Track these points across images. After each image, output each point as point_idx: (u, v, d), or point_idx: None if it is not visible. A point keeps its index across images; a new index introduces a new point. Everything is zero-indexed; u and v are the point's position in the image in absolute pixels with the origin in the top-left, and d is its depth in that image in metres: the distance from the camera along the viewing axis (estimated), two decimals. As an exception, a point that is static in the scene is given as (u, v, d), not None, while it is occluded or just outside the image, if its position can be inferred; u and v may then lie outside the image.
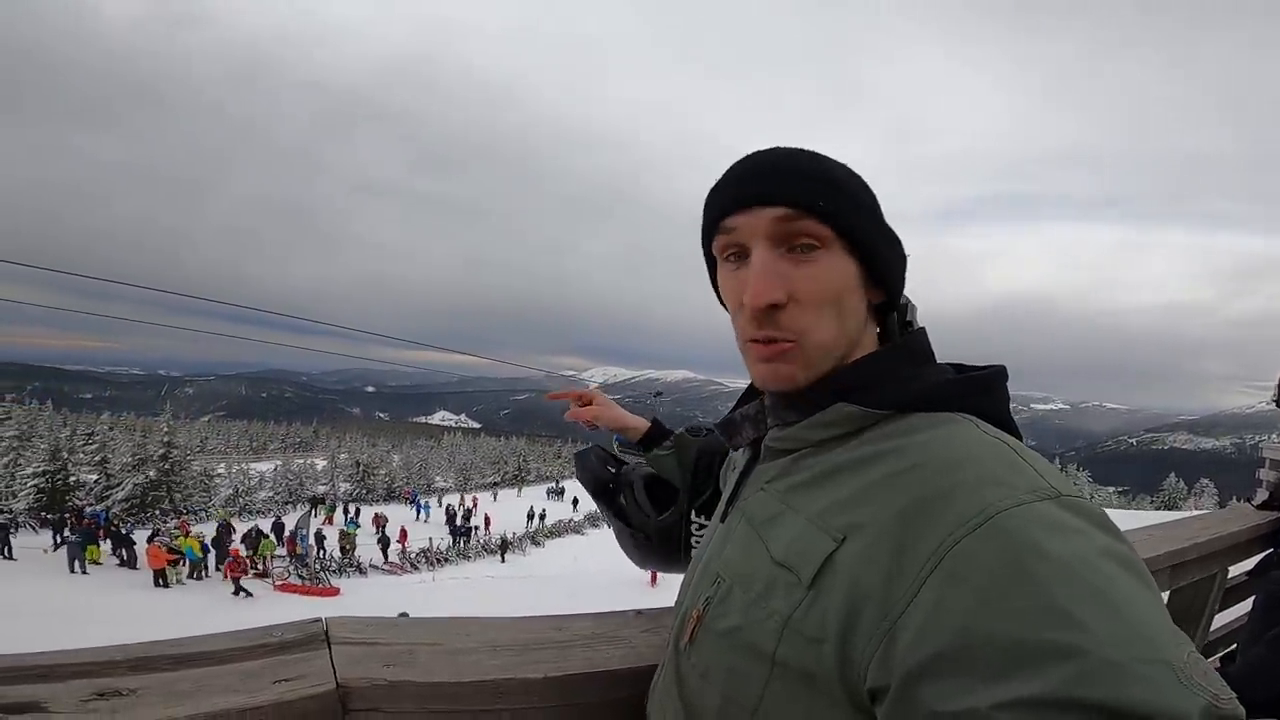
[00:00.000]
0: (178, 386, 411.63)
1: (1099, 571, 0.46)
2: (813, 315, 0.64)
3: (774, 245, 0.64)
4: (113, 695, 0.69)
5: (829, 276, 0.64)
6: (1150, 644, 0.43)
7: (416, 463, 49.91)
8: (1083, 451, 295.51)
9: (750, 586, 0.62)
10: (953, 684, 0.45)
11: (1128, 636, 0.43)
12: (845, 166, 0.67)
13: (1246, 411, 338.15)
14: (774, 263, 0.64)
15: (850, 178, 0.66)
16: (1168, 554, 2.15)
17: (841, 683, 0.53)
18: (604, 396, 1.25)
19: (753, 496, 0.71)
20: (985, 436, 0.57)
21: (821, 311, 0.64)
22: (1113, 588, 0.45)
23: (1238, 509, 3.23)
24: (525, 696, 0.82)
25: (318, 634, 0.86)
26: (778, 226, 0.63)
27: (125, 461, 32.96)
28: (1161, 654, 0.42)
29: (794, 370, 0.65)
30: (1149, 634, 0.43)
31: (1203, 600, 2.54)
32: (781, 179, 0.64)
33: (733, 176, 0.68)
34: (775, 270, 0.63)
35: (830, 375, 0.66)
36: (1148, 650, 0.42)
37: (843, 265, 0.64)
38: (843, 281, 0.64)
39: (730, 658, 0.62)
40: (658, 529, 1.08)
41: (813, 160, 0.66)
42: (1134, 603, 0.45)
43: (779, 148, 0.67)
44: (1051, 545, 0.47)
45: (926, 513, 0.52)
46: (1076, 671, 0.41)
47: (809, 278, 0.63)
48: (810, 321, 0.64)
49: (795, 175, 0.64)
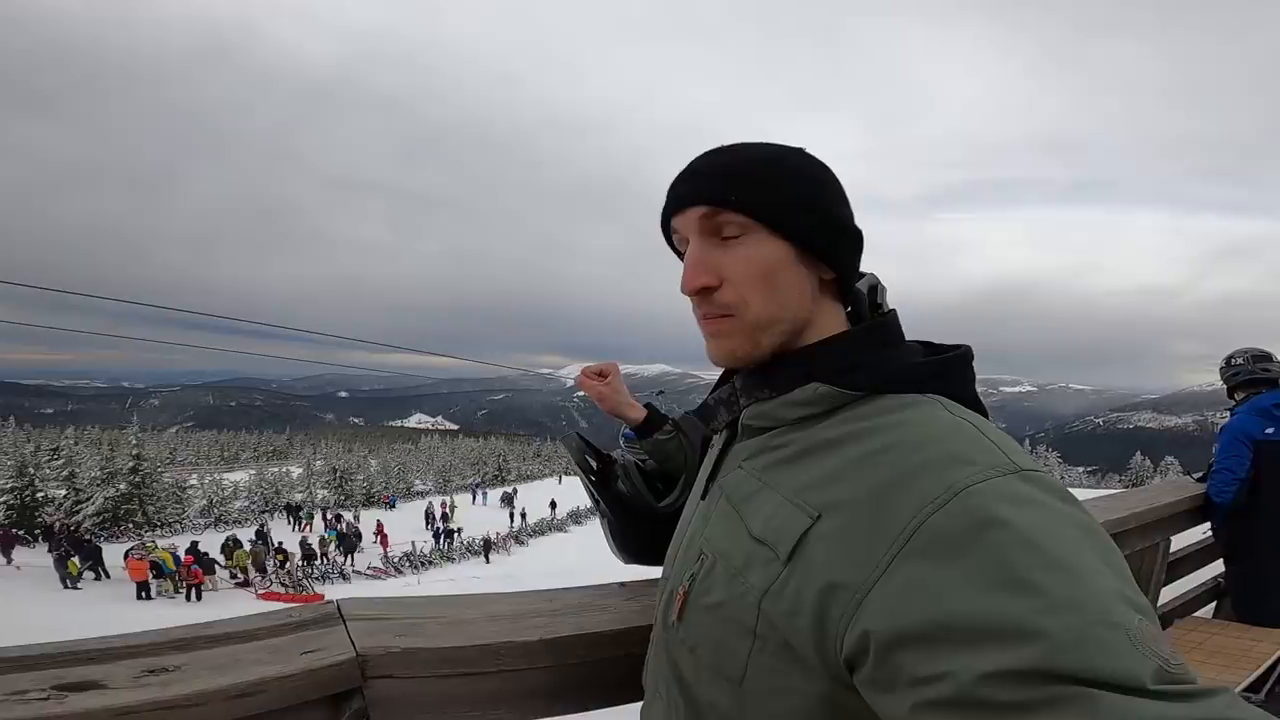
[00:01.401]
0: (142, 398, 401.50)
1: (1060, 540, 0.49)
2: (743, 291, 0.69)
3: (704, 236, 0.71)
4: (161, 671, 0.79)
5: (754, 256, 0.69)
6: (1106, 608, 0.45)
7: (395, 467, 49.48)
8: (1051, 432, 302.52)
9: (731, 562, 0.66)
10: (929, 653, 0.47)
11: (1085, 602, 0.45)
12: (773, 157, 0.72)
13: (1207, 389, 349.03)
14: (704, 251, 0.71)
15: (770, 168, 0.71)
16: (1108, 523, 2.32)
17: (818, 654, 0.56)
18: (619, 375, 1.22)
19: (731, 474, 0.75)
20: (953, 417, 0.61)
21: (752, 287, 0.69)
22: (1072, 555, 0.48)
23: (1179, 481, 3.43)
24: (522, 657, 0.94)
25: (332, 613, 0.97)
26: (704, 222, 0.71)
27: (94, 475, 32.22)
28: (1116, 619, 0.45)
29: (734, 344, 0.71)
30: (1104, 599, 0.46)
31: (1148, 570, 2.71)
32: (700, 181, 0.71)
33: (674, 182, 0.75)
34: (705, 258, 0.70)
35: (799, 353, 0.71)
36: (1103, 614, 0.45)
37: (768, 246, 0.69)
38: (769, 260, 0.69)
39: (716, 631, 0.66)
40: (666, 512, 1.06)
41: (731, 159, 0.72)
42: (1092, 570, 0.48)
43: (710, 150, 0.74)
44: (1014, 516, 0.50)
45: (896, 490, 0.55)
46: (1041, 638, 0.44)
47: (735, 260, 0.70)
48: (741, 296, 0.69)
49: (710, 176, 0.71)
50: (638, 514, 1.09)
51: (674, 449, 1.15)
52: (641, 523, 1.08)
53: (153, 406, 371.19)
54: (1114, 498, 2.81)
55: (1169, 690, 0.42)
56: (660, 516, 1.05)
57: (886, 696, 0.51)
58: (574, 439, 1.15)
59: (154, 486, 33.31)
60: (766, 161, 0.71)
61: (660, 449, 1.15)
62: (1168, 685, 0.43)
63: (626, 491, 1.10)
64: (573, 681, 0.99)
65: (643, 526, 1.08)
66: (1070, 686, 0.42)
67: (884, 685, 0.51)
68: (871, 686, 0.52)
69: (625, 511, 1.10)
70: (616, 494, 1.11)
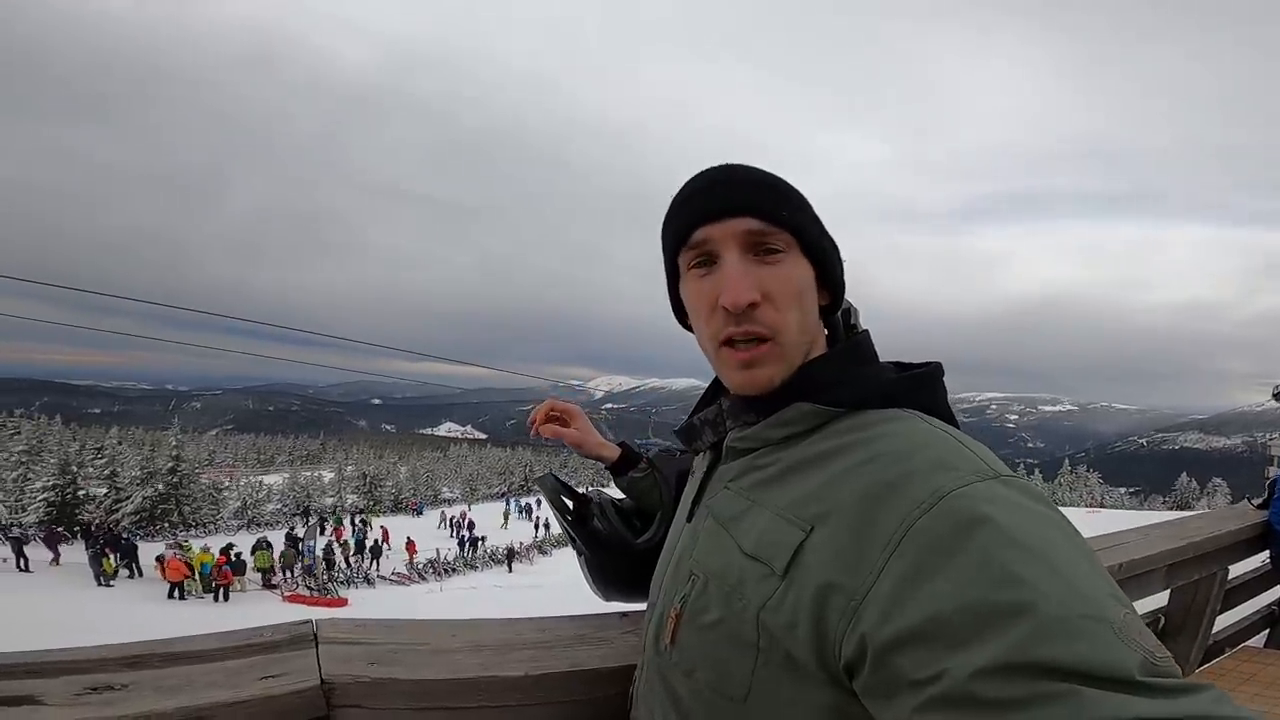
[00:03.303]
0: (185, 400, 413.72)
1: (1041, 538, 0.51)
2: (784, 312, 0.69)
3: (745, 251, 0.69)
4: (105, 690, 0.74)
5: (793, 276, 0.70)
6: (1090, 601, 0.47)
7: (423, 474, 50.07)
8: (1092, 452, 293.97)
9: (725, 580, 0.66)
10: (924, 653, 0.49)
11: (1069, 594, 0.47)
12: (782, 180, 0.74)
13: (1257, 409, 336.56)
14: (747, 265, 0.69)
15: (796, 192, 0.73)
16: (1164, 553, 2.16)
17: (820, 663, 0.57)
18: (583, 417, 1.20)
19: (717, 495, 0.74)
20: (931, 428, 0.64)
21: (790, 309, 0.69)
22: (1054, 551, 0.50)
23: (1238, 508, 3.24)
24: (505, 693, 0.85)
25: (306, 634, 0.89)
26: (750, 236, 0.69)
27: (134, 475, 33.21)
28: (1100, 611, 0.46)
29: (772, 372, 0.70)
30: (1088, 592, 0.48)
31: (1203, 600, 2.54)
32: (748, 192, 0.70)
33: (700, 191, 0.72)
34: (750, 272, 0.68)
35: (792, 375, 0.71)
36: (1088, 607, 0.46)
37: (803, 268, 0.71)
38: (804, 282, 0.71)
39: (716, 650, 0.65)
40: (644, 548, 1.06)
41: (768, 175, 0.73)
42: (1073, 565, 0.50)
43: (735, 164, 0.74)
44: (996, 517, 0.52)
45: (884, 499, 0.57)
46: (1028, 630, 0.45)
47: (777, 278, 0.69)
48: (782, 318, 0.69)
49: (760, 188, 0.71)
50: (615, 551, 1.08)
51: (649, 486, 1.14)
52: (620, 559, 1.07)
53: (194, 409, 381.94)
54: (1171, 525, 2.62)
55: (1156, 684, 0.44)
56: (638, 553, 1.04)
57: (888, 705, 0.52)
58: (549, 479, 1.13)
59: (190, 487, 34.19)
60: (786, 183, 0.72)
61: (636, 486, 1.15)
62: (1154, 678, 0.44)
63: (603, 529, 1.09)
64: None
65: (621, 563, 1.07)
66: (1059, 682, 0.43)
67: (884, 692, 0.52)
68: (872, 695, 0.53)
69: (602, 548, 1.08)
70: (593, 531, 1.09)
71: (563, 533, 1.11)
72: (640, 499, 1.15)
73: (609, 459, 1.17)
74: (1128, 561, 1.98)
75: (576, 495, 1.13)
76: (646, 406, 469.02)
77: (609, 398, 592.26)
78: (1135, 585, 2.06)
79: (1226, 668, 2.56)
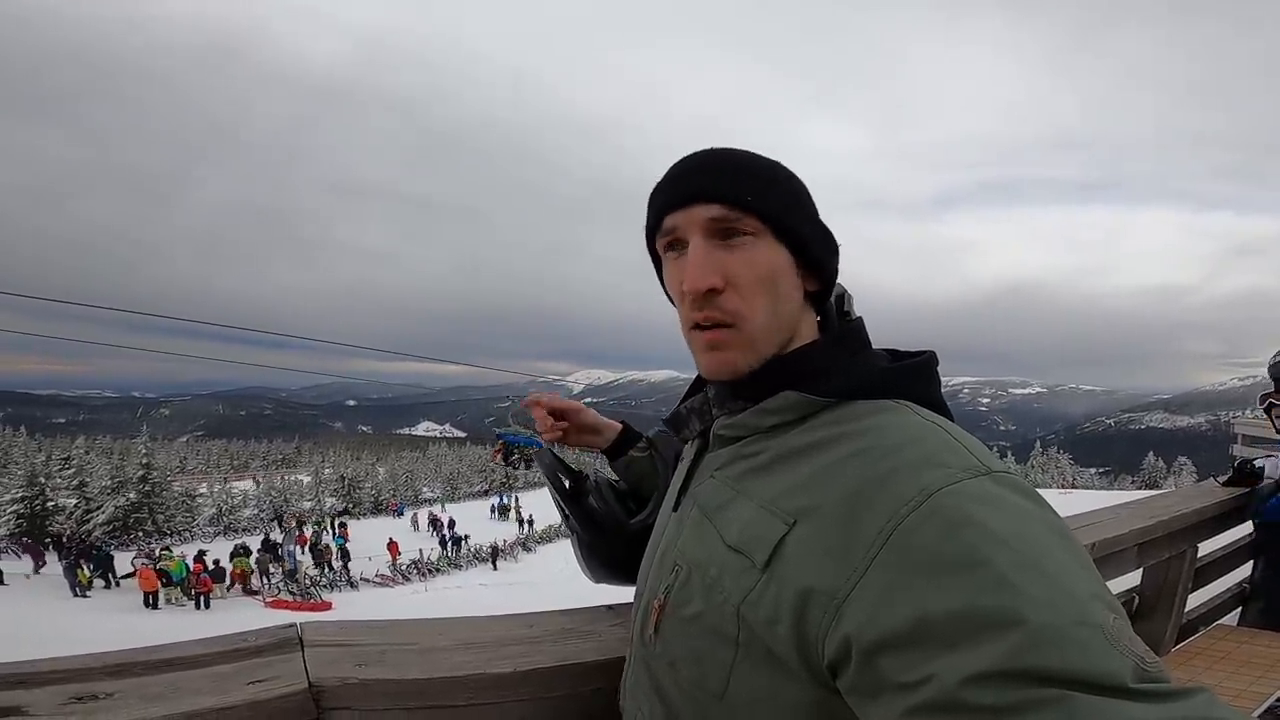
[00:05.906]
0: (153, 407, 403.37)
1: (1032, 540, 0.50)
2: (748, 298, 0.68)
3: (708, 236, 0.68)
4: (90, 699, 0.72)
5: (761, 261, 0.68)
6: (1081, 607, 0.46)
7: (403, 474, 49.55)
8: (1062, 434, 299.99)
9: (707, 572, 0.65)
10: (911, 657, 0.48)
11: (1060, 599, 0.46)
12: (774, 163, 0.72)
13: (1220, 388, 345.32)
14: (709, 251, 0.68)
15: (776, 173, 0.71)
16: (1134, 532, 2.21)
17: (801, 659, 0.56)
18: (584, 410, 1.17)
19: (704, 484, 0.74)
20: (922, 421, 0.62)
21: (756, 294, 0.68)
22: (1045, 555, 0.49)
23: (1205, 486, 3.31)
24: (495, 690, 0.85)
25: (291, 638, 0.88)
26: (712, 222, 0.68)
27: (104, 484, 32.41)
28: (1092, 617, 0.45)
29: (735, 356, 0.69)
30: (1079, 597, 0.47)
31: (1175, 578, 2.60)
32: (713, 178, 0.69)
33: (670, 178, 0.72)
34: (711, 257, 0.68)
35: (774, 362, 0.70)
36: (1079, 613, 0.45)
37: (773, 252, 0.69)
38: (774, 266, 0.69)
39: (697, 643, 0.64)
40: (637, 528, 1.05)
41: (743, 158, 0.71)
42: (1064, 568, 0.49)
43: (713, 148, 0.72)
44: (987, 517, 0.51)
45: (871, 495, 0.55)
46: (1020, 638, 0.44)
47: (742, 262, 0.68)
48: (746, 304, 0.68)
49: (724, 173, 0.69)
50: (608, 531, 1.07)
51: (647, 468, 1.13)
52: (613, 540, 1.06)
53: (163, 416, 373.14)
54: (1140, 505, 2.69)
55: (1148, 690, 0.43)
56: (631, 534, 1.03)
57: (872, 704, 0.51)
58: (546, 455, 1.12)
59: (163, 495, 33.46)
60: (769, 167, 0.71)
61: (634, 467, 1.14)
62: (1146, 684, 0.43)
63: (599, 508, 1.08)
64: (552, 716, 0.90)
65: (614, 544, 1.06)
66: (1050, 689, 0.43)
67: (869, 692, 0.51)
68: (856, 694, 0.52)
69: (596, 528, 1.07)
70: (588, 510, 1.08)
71: (559, 514, 1.10)
72: (639, 482, 1.14)
73: (606, 439, 1.16)
74: (1101, 540, 2.02)
75: (573, 473, 1.12)
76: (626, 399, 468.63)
77: (588, 391, 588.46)
78: (1110, 564, 2.11)
79: (1201, 646, 2.62)
